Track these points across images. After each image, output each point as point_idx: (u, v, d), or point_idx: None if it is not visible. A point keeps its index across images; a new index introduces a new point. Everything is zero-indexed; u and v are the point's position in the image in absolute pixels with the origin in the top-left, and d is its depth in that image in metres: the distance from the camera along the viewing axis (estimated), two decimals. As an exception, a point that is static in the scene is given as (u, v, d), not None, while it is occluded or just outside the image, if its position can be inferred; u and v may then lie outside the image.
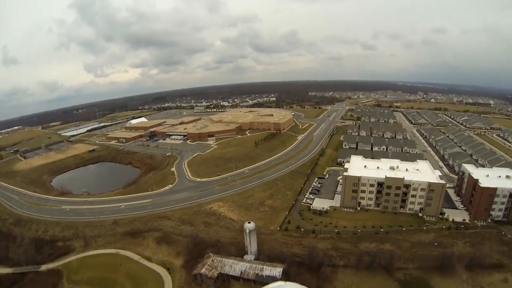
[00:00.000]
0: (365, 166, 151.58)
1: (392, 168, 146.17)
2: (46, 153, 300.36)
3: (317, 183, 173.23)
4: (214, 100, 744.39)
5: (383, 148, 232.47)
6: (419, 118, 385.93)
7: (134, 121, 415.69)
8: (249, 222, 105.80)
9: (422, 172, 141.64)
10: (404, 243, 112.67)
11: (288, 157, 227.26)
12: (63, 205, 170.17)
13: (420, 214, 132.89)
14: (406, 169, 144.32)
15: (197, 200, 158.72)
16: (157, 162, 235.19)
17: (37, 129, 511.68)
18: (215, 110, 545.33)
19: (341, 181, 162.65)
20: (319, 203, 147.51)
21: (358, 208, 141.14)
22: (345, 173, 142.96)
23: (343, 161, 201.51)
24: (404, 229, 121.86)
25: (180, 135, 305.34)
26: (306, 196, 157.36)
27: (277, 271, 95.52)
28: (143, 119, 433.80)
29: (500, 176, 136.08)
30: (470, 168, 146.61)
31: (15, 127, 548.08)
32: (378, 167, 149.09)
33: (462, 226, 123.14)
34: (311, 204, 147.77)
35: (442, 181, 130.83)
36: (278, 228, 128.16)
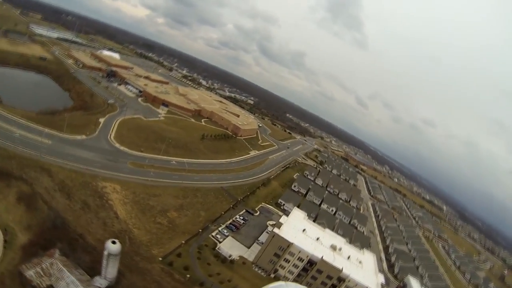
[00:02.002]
0: (303, 230, 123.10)
1: (333, 248, 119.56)
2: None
3: (241, 218, 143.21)
4: (196, 74, 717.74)
5: (333, 210, 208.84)
6: (379, 192, 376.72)
7: (105, 52, 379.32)
8: (113, 242, 71.20)
9: (364, 269, 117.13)
10: None
11: (227, 169, 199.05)
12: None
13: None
14: (349, 257, 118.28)
15: (97, 169, 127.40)
16: (94, 104, 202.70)
17: (14, 11, 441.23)
18: (189, 83, 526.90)
19: (269, 227, 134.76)
20: (230, 246, 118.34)
21: (272, 276, 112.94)
22: (275, 230, 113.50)
23: (284, 204, 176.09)
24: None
25: (137, 89, 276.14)
26: (220, 228, 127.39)
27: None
28: (115, 55, 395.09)
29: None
30: (414, 285, 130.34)
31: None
32: (318, 238, 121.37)
33: None
34: (220, 242, 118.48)
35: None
36: (161, 258, 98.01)
